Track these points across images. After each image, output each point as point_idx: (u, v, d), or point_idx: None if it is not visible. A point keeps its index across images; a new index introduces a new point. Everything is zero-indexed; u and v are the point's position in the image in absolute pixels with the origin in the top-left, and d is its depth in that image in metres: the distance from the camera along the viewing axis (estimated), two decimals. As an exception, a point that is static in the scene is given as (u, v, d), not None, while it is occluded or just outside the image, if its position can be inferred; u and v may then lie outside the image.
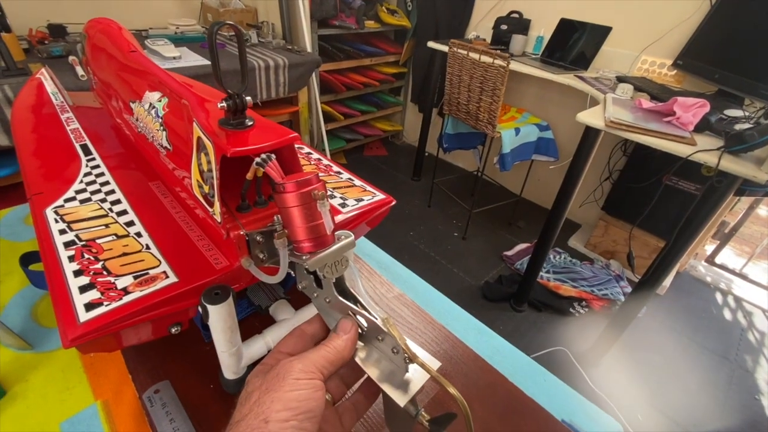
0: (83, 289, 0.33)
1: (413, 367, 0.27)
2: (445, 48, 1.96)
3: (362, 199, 0.50)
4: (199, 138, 0.36)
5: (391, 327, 0.27)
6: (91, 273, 0.35)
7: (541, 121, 1.93)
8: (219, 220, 0.35)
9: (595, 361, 1.47)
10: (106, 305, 0.32)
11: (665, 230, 1.75)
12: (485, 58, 1.64)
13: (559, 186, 1.41)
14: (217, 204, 0.35)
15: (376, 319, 0.28)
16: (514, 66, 1.75)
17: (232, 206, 0.38)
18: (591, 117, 1.21)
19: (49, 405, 0.42)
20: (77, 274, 0.35)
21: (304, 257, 0.30)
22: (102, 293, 0.33)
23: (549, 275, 1.83)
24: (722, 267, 2.02)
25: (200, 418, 0.40)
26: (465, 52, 1.72)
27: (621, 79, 1.60)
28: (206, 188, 0.37)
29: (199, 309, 0.37)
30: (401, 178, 2.63)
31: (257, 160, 0.31)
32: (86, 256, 0.37)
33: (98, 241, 0.39)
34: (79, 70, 1.34)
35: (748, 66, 1.32)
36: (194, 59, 1.62)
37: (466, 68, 1.76)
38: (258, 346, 0.42)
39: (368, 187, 0.53)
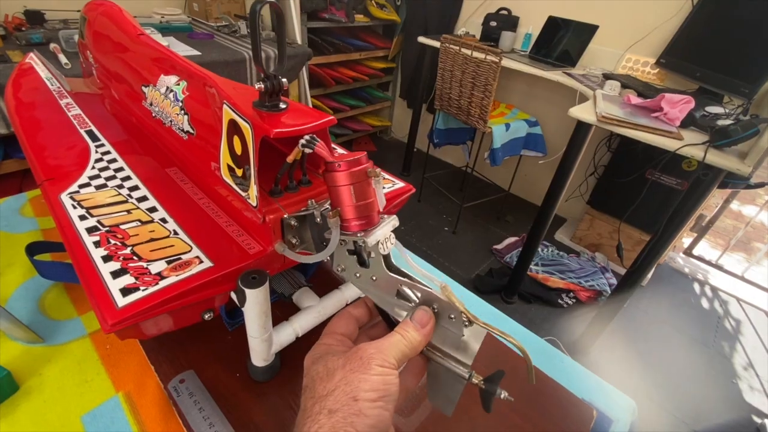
0: (116, 275, 0.32)
1: (467, 331, 0.28)
2: (435, 43, 1.97)
3: (383, 187, 0.50)
4: (231, 120, 0.35)
5: (450, 294, 0.27)
6: (120, 258, 0.34)
7: (530, 117, 1.97)
8: (255, 204, 0.35)
9: (585, 350, 1.52)
10: (143, 290, 0.31)
11: (648, 223, 1.82)
12: (477, 54, 1.66)
13: (546, 181, 1.45)
14: (254, 188, 0.34)
15: (432, 289, 0.29)
16: (504, 62, 1.78)
17: (263, 192, 0.38)
18: (583, 112, 1.25)
19: (67, 398, 0.41)
20: (106, 259, 0.34)
21: (359, 235, 0.30)
22: (136, 278, 0.32)
23: (538, 268, 1.88)
24: (699, 258, 2.12)
25: (229, 407, 0.40)
26: (457, 48, 1.73)
27: (607, 77, 1.65)
28: (239, 172, 0.36)
29: (233, 295, 0.37)
30: (390, 173, 2.63)
31: (302, 141, 0.31)
32: (112, 241, 0.36)
33: (122, 226, 0.38)
34: (63, 58, 1.28)
35: (728, 64, 1.39)
36: (182, 49, 1.58)
37: (458, 64, 1.77)
38: (287, 332, 0.42)
39: (387, 176, 0.54)
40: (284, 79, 0.35)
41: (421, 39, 2.13)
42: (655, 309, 1.79)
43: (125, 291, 0.31)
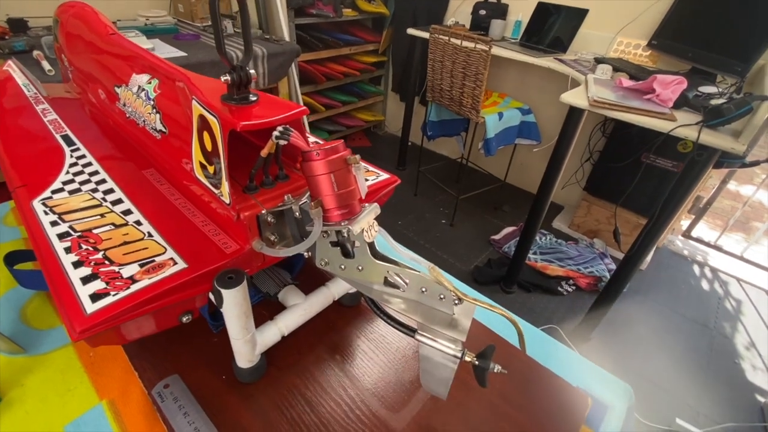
0: (86, 280, 0.31)
1: (458, 309, 0.29)
2: (425, 35, 1.94)
3: (366, 179, 0.49)
4: (200, 116, 0.34)
5: (437, 275, 0.27)
6: (92, 263, 0.33)
7: (523, 105, 1.95)
8: (228, 201, 0.34)
9: (586, 337, 1.51)
10: (114, 295, 0.30)
11: (644, 207, 1.81)
12: (467, 43, 1.64)
13: (541, 169, 1.44)
14: (225, 184, 0.33)
15: (420, 271, 0.28)
16: (495, 51, 1.76)
17: (238, 188, 0.37)
18: (575, 97, 1.23)
19: (50, 408, 0.40)
20: (77, 265, 0.33)
21: (342, 224, 0.29)
22: (107, 283, 0.31)
23: (536, 256, 1.87)
24: (698, 240, 2.11)
25: (215, 410, 0.39)
26: (446, 38, 1.71)
27: (599, 61, 1.63)
28: (210, 169, 0.35)
29: (211, 296, 0.36)
30: (386, 168, 2.61)
31: (275, 133, 0.30)
32: (84, 246, 0.35)
33: (95, 231, 0.37)
34: (46, 65, 1.27)
35: (719, 43, 1.37)
36: (168, 51, 1.56)
37: (448, 54, 1.75)
38: (271, 332, 0.41)
39: (371, 168, 0.52)
40: (252, 71, 0.33)
41: (411, 31, 2.11)
42: (655, 292, 1.78)
43: (95, 297, 0.30)
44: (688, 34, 1.50)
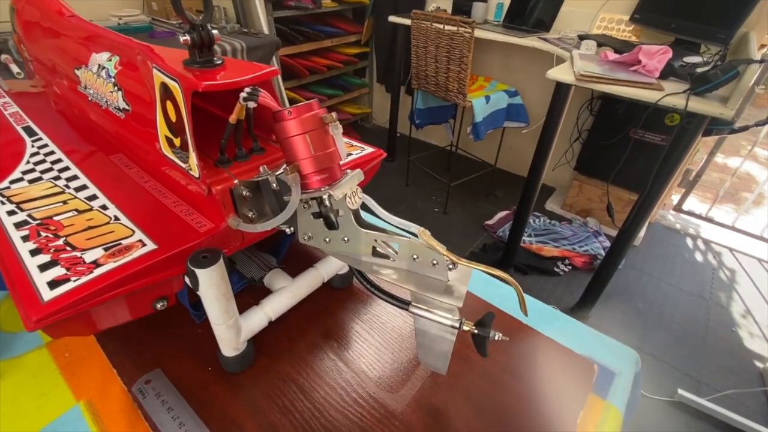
0: (44, 267, 0.29)
1: (453, 275, 0.26)
2: (407, 21, 1.91)
3: (350, 154, 0.46)
4: (162, 84, 0.31)
5: (429, 239, 0.25)
6: (51, 250, 0.30)
7: (509, 88, 1.93)
8: (197, 174, 0.31)
9: (584, 315, 1.51)
10: (75, 280, 0.27)
11: (635, 184, 1.81)
12: (449, 27, 1.61)
13: (531, 152, 1.42)
14: (192, 155, 0.30)
15: (409, 236, 0.26)
16: (478, 33, 1.73)
17: (210, 163, 0.34)
18: (561, 73, 1.22)
19: (23, 413, 0.37)
20: (35, 253, 0.30)
21: (322, 190, 0.26)
22: (68, 269, 0.28)
23: (531, 239, 1.86)
24: (689, 213, 2.12)
25: (202, 403, 0.36)
26: (429, 23, 1.68)
27: (583, 38, 1.61)
28: (177, 141, 0.32)
29: (187, 280, 0.33)
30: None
31: (243, 94, 0.27)
32: (43, 234, 0.32)
33: (56, 218, 0.34)
34: (14, 68, 1.21)
35: (701, 12, 1.36)
36: (143, 49, 1.51)
37: (431, 39, 1.72)
38: (257, 317, 0.39)
39: (354, 143, 0.50)
40: (215, 30, 0.31)
41: (392, 18, 2.07)
42: (650, 267, 1.78)
43: (54, 284, 0.27)
44: (669, 5, 1.49)
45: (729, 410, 1.18)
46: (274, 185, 0.32)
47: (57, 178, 0.39)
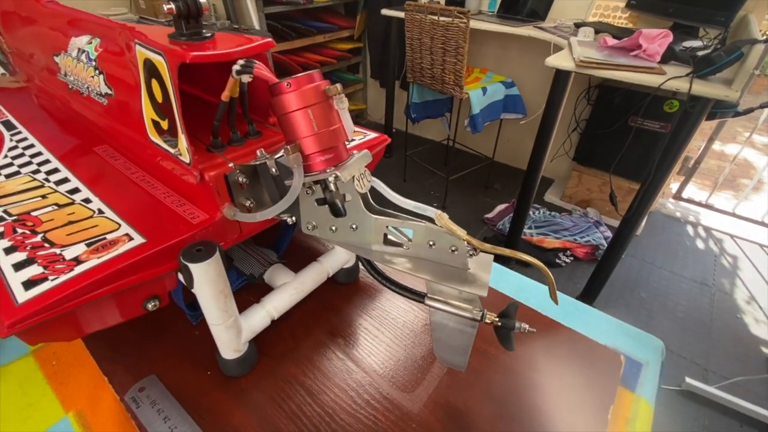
0: (19, 266, 0.26)
1: (473, 262, 0.23)
2: (400, 14, 1.88)
3: (353, 140, 0.44)
4: (146, 61, 0.28)
5: (447, 222, 0.22)
6: (27, 248, 0.27)
7: (505, 79, 1.91)
8: (188, 160, 0.28)
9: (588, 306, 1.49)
10: (53, 279, 0.24)
11: (635, 172, 1.79)
12: (444, 18, 1.58)
13: (529, 144, 1.40)
14: (182, 138, 0.27)
15: (424, 222, 0.23)
16: (473, 24, 1.71)
17: (202, 148, 0.31)
18: (560, 60, 1.19)
19: (8, 426, 0.34)
20: (9, 251, 0.27)
21: (327, 171, 0.23)
22: (45, 267, 0.25)
23: (531, 231, 1.84)
24: (689, 201, 2.11)
25: (201, 410, 0.34)
26: (423, 14, 1.65)
27: (579, 25, 1.59)
28: (164, 124, 0.29)
29: (180, 277, 0.30)
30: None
31: (236, 67, 0.24)
32: (19, 230, 0.29)
33: (34, 213, 0.31)
34: (-4, 68, 1.17)
35: (700, -5, 1.34)
36: (131, 47, 1.47)
37: (425, 31, 1.69)
38: (259, 316, 0.36)
39: (357, 128, 0.47)
40: (203, 0, 0.28)
41: (385, 11, 2.04)
42: (651, 256, 1.77)
43: (29, 284, 0.24)
44: (667, -10, 1.46)
45: (738, 397, 1.16)
46: (273, 170, 0.29)
47: (36, 171, 0.36)
